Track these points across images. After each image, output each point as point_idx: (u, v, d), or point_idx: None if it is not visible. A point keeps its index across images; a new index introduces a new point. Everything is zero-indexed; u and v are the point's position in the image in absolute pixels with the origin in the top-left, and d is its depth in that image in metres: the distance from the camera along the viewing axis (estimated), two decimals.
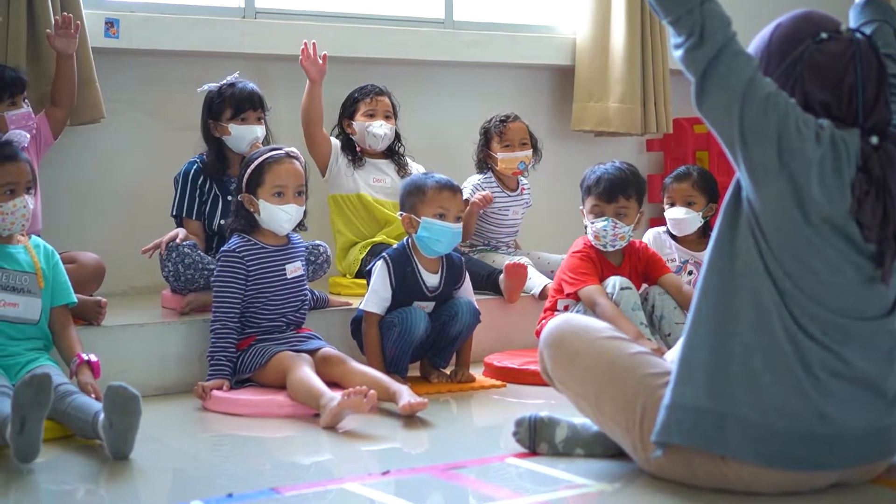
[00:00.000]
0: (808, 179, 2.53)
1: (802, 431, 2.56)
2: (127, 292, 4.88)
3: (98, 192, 4.91)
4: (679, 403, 2.62)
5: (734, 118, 2.55)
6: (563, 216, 4.21)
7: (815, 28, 2.64)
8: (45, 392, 3.04)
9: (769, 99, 2.54)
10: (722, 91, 2.56)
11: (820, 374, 2.56)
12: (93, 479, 3.05)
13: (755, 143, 2.54)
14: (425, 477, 2.95)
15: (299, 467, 3.20)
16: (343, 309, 4.42)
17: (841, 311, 2.59)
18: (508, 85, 5.90)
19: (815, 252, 2.56)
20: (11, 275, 3.54)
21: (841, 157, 2.57)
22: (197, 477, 3.09)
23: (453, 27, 5.74)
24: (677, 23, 2.58)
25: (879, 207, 2.58)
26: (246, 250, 3.94)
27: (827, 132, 2.57)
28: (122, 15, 4.87)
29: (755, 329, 2.57)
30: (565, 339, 2.93)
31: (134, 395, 3.12)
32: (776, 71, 2.65)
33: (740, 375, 2.56)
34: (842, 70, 2.60)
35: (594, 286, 4.02)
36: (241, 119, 4.41)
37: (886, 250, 2.59)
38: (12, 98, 4.15)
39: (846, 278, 2.59)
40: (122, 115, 4.93)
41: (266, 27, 5.20)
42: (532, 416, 3.07)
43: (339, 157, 4.95)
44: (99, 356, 3.77)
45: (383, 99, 4.97)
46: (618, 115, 5.84)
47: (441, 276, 4.13)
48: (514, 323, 4.64)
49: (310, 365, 3.79)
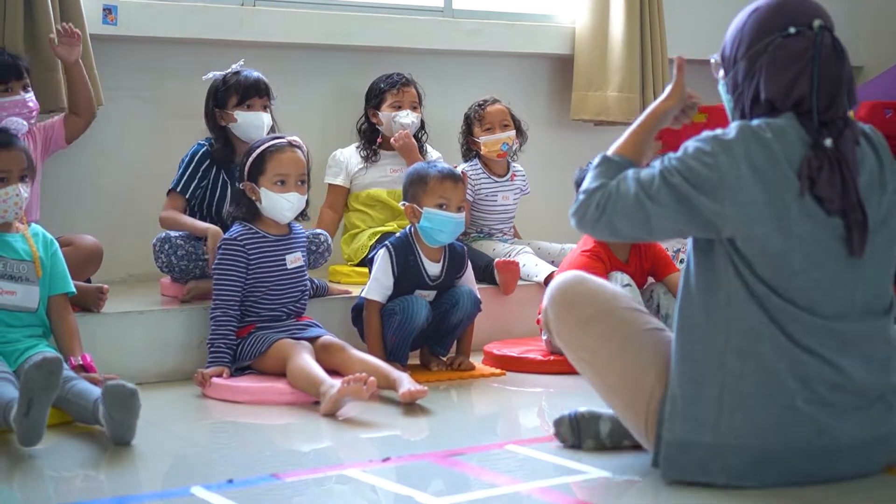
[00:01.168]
0: (747, 207, 2.53)
1: (800, 447, 2.56)
2: (126, 279, 4.87)
3: (97, 180, 4.90)
4: (671, 440, 2.61)
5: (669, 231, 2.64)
6: (562, 205, 4.16)
7: (787, 20, 2.63)
8: (54, 376, 3.03)
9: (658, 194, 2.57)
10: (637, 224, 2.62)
11: (819, 388, 2.56)
12: (94, 465, 3.05)
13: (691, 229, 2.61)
14: (426, 463, 2.96)
15: (299, 454, 3.21)
16: (343, 297, 4.41)
17: (834, 313, 2.58)
18: (507, 74, 5.89)
19: (790, 252, 2.55)
20: (9, 263, 3.53)
21: (772, 149, 2.55)
22: (197, 463, 3.09)
23: (452, 16, 5.73)
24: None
25: (837, 178, 2.55)
26: (247, 238, 3.94)
27: (737, 141, 2.55)
28: (120, 2, 4.84)
29: (743, 357, 2.56)
30: (578, 301, 2.83)
31: (132, 391, 3.12)
32: (743, 56, 2.66)
33: (732, 404, 2.56)
34: (797, 70, 2.59)
35: None
36: (247, 106, 4.39)
37: (853, 221, 2.56)
38: (7, 84, 4.12)
39: (828, 269, 2.57)
40: (121, 103, 4.92)
41: (265, 15, 5.18)
42: (571, 413, 3.00)
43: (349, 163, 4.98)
44: (98, 343, 3.79)
45: (410, 89, 5.00)
46: (617, 105, 5.83)
47: (443, 265, 4.13)
48: (513, 312, 4.64)
49: (310, 352, 3.79)
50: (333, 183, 5.00)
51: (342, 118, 5.28)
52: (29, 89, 4.18)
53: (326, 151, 5.05)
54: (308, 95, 5.35)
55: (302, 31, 5.23)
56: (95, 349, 3.81)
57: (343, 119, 5.27)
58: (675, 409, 2.61)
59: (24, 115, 4.11)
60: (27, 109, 4.14)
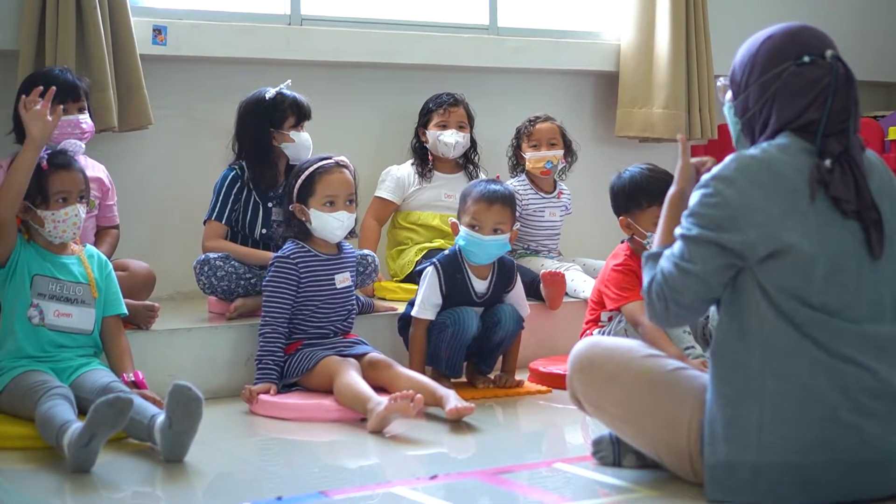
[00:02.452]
0: (768, 225, 2.56)
1: (846, 460, 2.54)
2: (174, 297, 4.92)
3: (144, 197, 4.95)
4: (715, 462, 2.61)
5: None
6: (608, 222, 4.19)
7: (800, 49, 2.68)
8: (123, 416, 3.06)
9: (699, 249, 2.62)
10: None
11: (860, 398, 2.54)
12: (145, 482, 3.08)
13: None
14: (473, 481, 2.95)
15: (347, 471, 3.22)
16: (388, 314, 4.43)
17: (866, 316, 2.58)
18: (553, 91, 5.90)
19: (818, 257, 2.56)
20: (66, 285, 3.58)
21: (775, 165, 2.60)
22: (245, 480, 3.11)
23: (497, 33, 5.75)
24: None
25: (850, 179, 2.60)
26: (299, 257, 3.97)
27: (737, 170, 2.60)
28: (169, 22, 4.91)
29: (780, 377, 2.56)
30: (597, 362, 2.90)
31: (198, 397, 3.14)
32: (756, 81, 2.70)
33: (773, 423, 2.55)
34: (812, 97, 2.64)
35: (638, 303, 3.94)
36: (301, 127, 4.43)
37: (869, 221, 2.60)
38: (63, 104, 4.16)
39: (853, 272, 2.58)
40: (169, 122, 4.97)
41: (311, 34, 5.22)
42: (610, 432, 3.01)
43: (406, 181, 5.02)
44: (147, 360, 3.82)
45: (457, 109, 5.03)
46: (662, 121, 5.82)
47: (490, 282, 4.14)
48: (559, 328, 4.63)
49: (356, 369, 3.81)
50: (384, 197, 5.02)
51: (388, 136, 5.31)
52: (85, 111, 4.21)
53: (373, 169, 5.07)
54: (355, 114, 5.38)
55: (348, 49, 5.27)
56: (144, 366, 3.85)
57: (389, 137, 5.30)
58: (715, 431, 2.61)
59: (76, 136, 4.15)
60: (79, 130, 4.17)
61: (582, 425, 3.64)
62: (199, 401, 3.15)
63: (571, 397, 2.99)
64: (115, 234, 4.40)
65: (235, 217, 4.42)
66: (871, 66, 6.78)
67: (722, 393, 2.62)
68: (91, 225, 4.28)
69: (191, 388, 3.14)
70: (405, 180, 5.03)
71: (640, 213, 3.99)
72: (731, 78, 2.80)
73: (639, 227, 3.99)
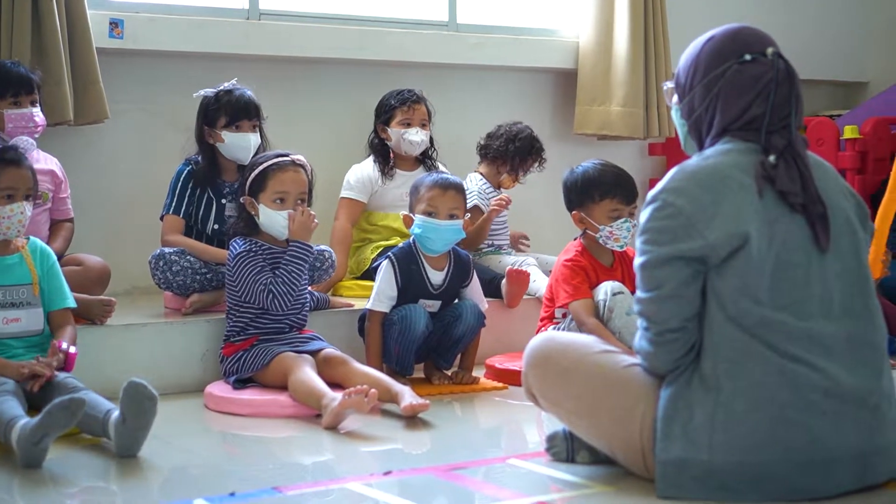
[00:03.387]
0: (724, 223, 2.59)
1: (796, 459, 2.57)
2: (130, 292, 4.89)
3: (101, 192, 4.92)
4: (666, 459, 2.63)
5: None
6: (564, 219, 4.20)
7: (742, 48, 2.73)
8: (75, 417, 3.05)
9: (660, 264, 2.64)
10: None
11: (810, 396, 2.57)
12: (98, 478, 3.06)
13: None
14: (428, 477, 2.96)
15: (301, 467, 3.21)
16: (345, 310, 4.42)
17: (815, 313, 2.60)
18: (512, 87, 5.91)
19: (769, 251, 2.59)
20: (9, 290, 3.54)
21: (719, 167, 2.64)
22: (199, 475, 3.09)
23: (457, 30, 5.75)
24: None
25: (795, 172, 2.65)
26: (258, 250, 3.97)
27: (680, 179, 2.65)
28: (126, 15, 4.88)
29: (732, 377, 2.58)
30: (552, 357, 2.91)
31: (152, 395, 3.13)
32: (700, 81, 2.75)
33: (725, 423, 2.57)
34: (754, 93, 2.69)
35: (583, 301, 3.95)
36: (236, 127, 4.39)
37: (814, 214, 2.64)
38: (16, 98, 4.14)
39: (803, 267, 2.61)
40: (125, 116, 4.94)
41: (270, 29, 5.21)
42: (564, 428, 3.02)
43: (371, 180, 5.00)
44: (101, 355, 3.80)
45: (420, 107, 5.01)
46: (620, 119, 5.84)
47: (447, 274, 4.15)
48: (516, 326, 4.64)
49: (312, 366, 3.80)
50: (354, 198, 4.99)
51: (347, 132, 5.30)
52: (37, 104, 4.19)
53: (332, 165, 5.06)
54: (313, 109, 5.37)
55: (306, 45, 5.26)
56: (99, 361, 3.84)
57: (348, 133, 5.28)
58: (667, 429, 2.63)
59: (29, 130, 4.13)
60: (32, 124, 4.15)
61: (537, 421, 3.65)
62: (154, 399, 3.13)
63: (527, 393, 3.00)
64: (69, 227, 4.36)
65: (190, 211, 4.40)
66: (827, 66, 6.86)
67: (675, 394, 2.64)
68: (45, 218, 4.25)
69: (146, 386, 3.12)
70: (370, 179, 5.01)
71: (594, 206, 4.01)
72: (675, 81, 2.85)
73: (591, 221, 4.01)
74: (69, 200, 4.38)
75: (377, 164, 5.02)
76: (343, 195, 5.00)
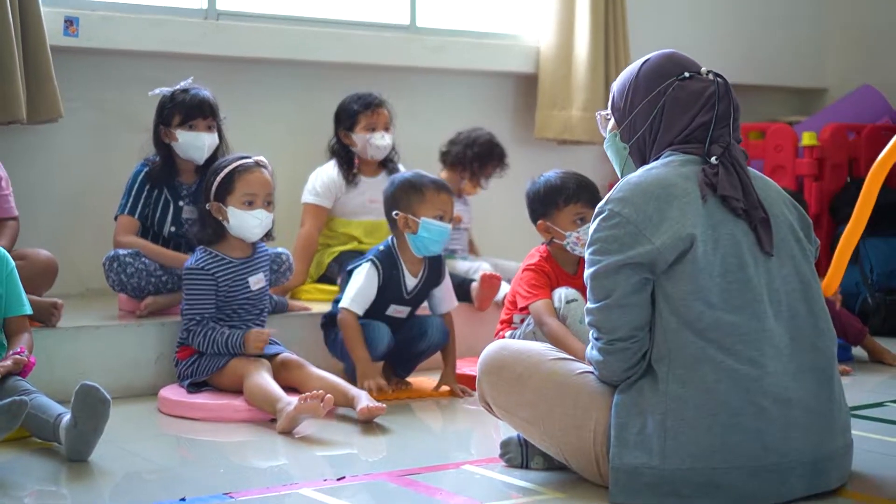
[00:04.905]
0: (671, 227, 2.62)
1: (748, 466, 2.58)
2: (84, 294, 4.83)
3: (54, 192, 4.86)
4: (619, 465, 2.63)
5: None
6: (523, 223, 4.19)
7: (679, 67, 2.82)
8: (17, 419, 3.00)
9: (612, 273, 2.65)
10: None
11: (762, 402, 2.58)
12: (49, 482, 3.02)
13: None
14: (381, 483, 2.94)
15: (254, 472, 3.18)
16: (302, 314, 4.39)
17: (767, 314, 2.62)
18: (472, 91, 5.90)
19: (716, 254, 2.62)
20: None
21: (662, 176, 2.68)
22: (151, 480, 3.05)
23: (417, 32, 5.73)
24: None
25: (735, 179, 2.70)
26: (212, 265, 3.92)
27: (625, 190, 2.68)
28: (81, 13, 4.82)
29: (684, 382, 2.59)
30: (506, 365, 2.90)
31: (105, 399, 3.09)
32: (641, 101, 2.81)
33: (676, 429, 2.58)
34: (698, 107, 2.76)
35: (543, 301, 3.94)
36: (190, 126, 4.35)
37: (756, 219, 2.69)
38: None
39: (750, 269, 2.63)
40: (80, 115, 4.89)
41: (228, 29, 5.17)
42: (519, 434, 3.01)
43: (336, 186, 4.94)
44: (53, 358, 3.75)
45: (383, 111, 4.94)
46: (581, 124, 5.85)
47: (421, 279, 4.13)
48: (480, 331, 4.61)
49: (267, 370, 3.77)
50: (319, 204, 4.92)
51: (306, 134, 5.28)
52: None
53: (290, 167, 5.03)
54: (271, 111, 5.34)
55: (265, 45, 5.22)
56: (52, 364, 3.80)
57: (306, 135, 5.26)
58: (620, 436, 2.63)
59: None
60: None
61: (493, 427, 3.63)
62: (107, 402, 3.09)
63: (480, 400, 3.00)
64: (13, 225, 4.22)
65: (146, 213, 4.35)
66: (786, 72, 6.90)
67: (627, 400, 2.64)
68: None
69: (98, 389, 3.08)
70: (335, 184, 4.95)
71: (558, 213, 3.99)
72: (612, 107, 2.90)
73: (557, 229, 3.99)
74: (11, 198, 4.24)
75: (341, 169, 4.97)
76: (308, 201, 4.94)
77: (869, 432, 3.41)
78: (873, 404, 3.91)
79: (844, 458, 2.73)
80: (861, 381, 4.40)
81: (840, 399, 2.72)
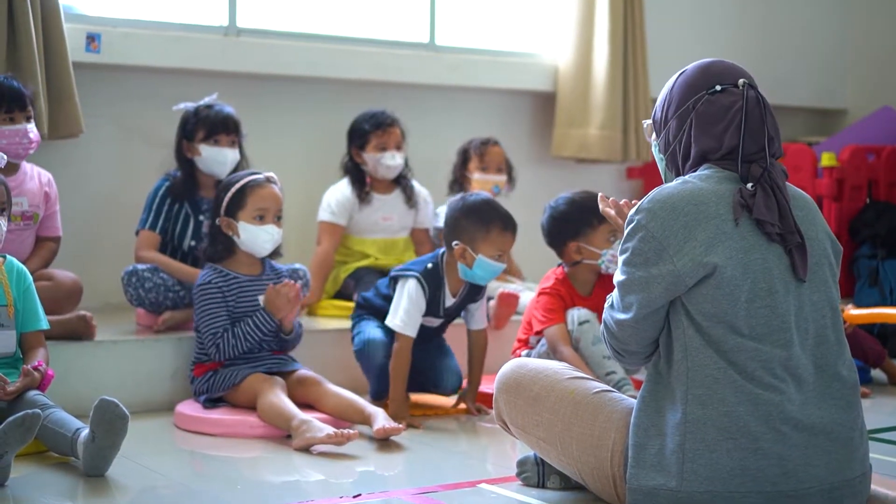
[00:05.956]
0: (694, 250, 2.59)
1: (767, 491, 2.55)
2: (103, 308, 4.84)
3: (75, 207, 4.87)
4: (637, 487, 2.61)
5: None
6: (541, 242, 4.19)
7: (713, 80, 2.75)
8: (31, 432, 3.00)
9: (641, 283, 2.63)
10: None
11: (782, 428, 2.55)
12: (65, 496, 3.02)
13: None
14: (397, 501, 2.93)
15: (270, 487, 3.18)
16: (318, 330, 4.40)
17: (793, 342, 2.59)
18: (490, 109, 5.91)
19: (744, 279, 2.58)
20: None
21: (696, 193, 2.63)
22: (167, 496, 3.06)
23: (436, 51, 5.75)
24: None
25: (773, 202, 2.64)
26: (220, 281, 3.93)
27: (656, 203, 2.64)
28: (103, 30, 4.85)
29: (704, 404, 2.56)
30: (523, 384, 2.90)
31: (124, 415, 3.09)
32: (674, 114, 2.77)
33: (695, 451, 2.55)
34: (726, 122, 2.70)
35: (558, 327, 3.94)
36: (214, 141, 4.38)
37: (792, 244, 2.64)
38: (10, 114, 4.02)
39: (780, 294, 2.59)
40: (101, 130, 4.91)
41: (248, 46, 5.19)
42: (535, 453, 3.01)
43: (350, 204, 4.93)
44: (73, 373, 3.76)
45: (395, 130, 4.93)
46: (598, 142, 5.85)
47: (459, 297, 4.10)
48: (496, 349, 4.59)
49: (282, 388, 3.77)
50: (335, 222, 4.91)
51: (324, 151, 5.28)
52: (31, 120, 4.09)
53: (307, 184, 5.04)
54: (289, 127, 5.35)
55: (285, 62, 5.24)
56: (70, 378, 3.81)
57: (325, 152, 5.26)
58: (639, 457, 2.61)
59: (23, 146, 4.03)
60: (27, 140, 4.03)
61: (510, 445, 3.63)
62: (125, 418, 3.10)
63: (497, 418, 2.99)
64: (51, 247, 4.20)
65: (166, 227, 4.37)
66: (806, 93, 6.89)
67: (645, 420, 2.62)
68: (31, 237, 4.15)
69: (117, 405, 3.09)
70: (349, 202, 4.94)
71: (592, 232, 3.97)
72: (653, 117, 2.87)
73: (592, 248, 3.97)
74: (58, 217, 4.25)
75: (353, 187, 4.97)
76: (324, 219, 4.93)
77: (887, 455, 3.40)
78: (892, 428, 3.89)
79: (862, 485, 2.71)
80: (880, 404, 4.38)
81: (862, 427, 2.70)
